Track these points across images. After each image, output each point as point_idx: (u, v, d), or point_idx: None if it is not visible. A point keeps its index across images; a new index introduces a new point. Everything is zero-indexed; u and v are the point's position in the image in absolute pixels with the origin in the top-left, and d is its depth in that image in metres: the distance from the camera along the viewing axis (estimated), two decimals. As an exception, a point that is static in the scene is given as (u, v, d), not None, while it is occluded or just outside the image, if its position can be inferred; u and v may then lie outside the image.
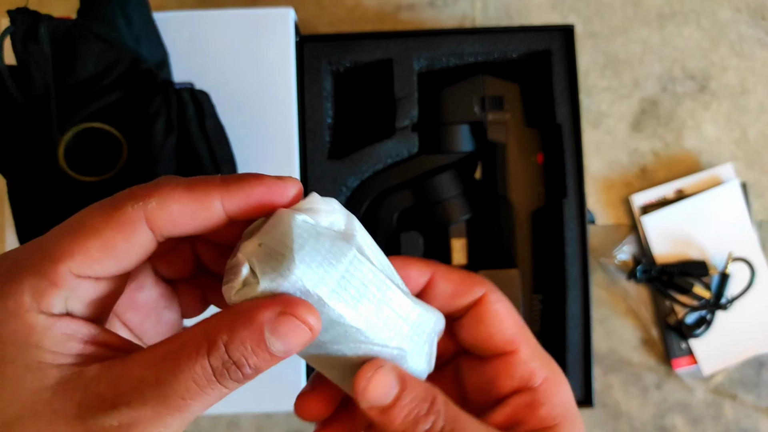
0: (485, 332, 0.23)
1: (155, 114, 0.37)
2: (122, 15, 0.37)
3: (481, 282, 0.23)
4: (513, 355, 0.23)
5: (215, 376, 0.17)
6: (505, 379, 0.23)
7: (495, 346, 0.23)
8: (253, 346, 0.18)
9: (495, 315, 0.23)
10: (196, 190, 0.19)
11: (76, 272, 0.18)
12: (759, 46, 0.52)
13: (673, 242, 0.50)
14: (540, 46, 0.44)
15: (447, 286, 0.23)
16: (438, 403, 0.21)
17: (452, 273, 0.23)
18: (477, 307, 0.23)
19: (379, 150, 0.44)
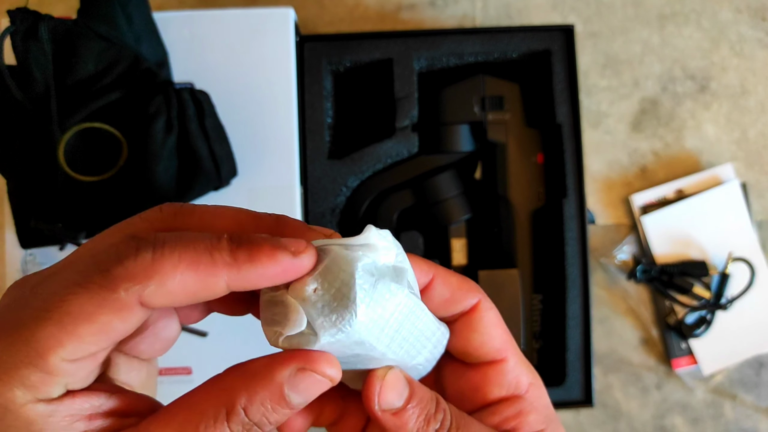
0: (477, 340, 0.23)
1: (155, 113, 0.37)
2: (123, 14, 0.37)
3: (476, 289, 0.23)
4: (502, 364, 0.23)
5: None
6: (493, 386, 0.23)
7: (485, 354, 0.23)
8: (273, 404, 0.17)
9: (487, 323, 0.23)
10: (201, 270, 0.17)
11: (70, 358, 0.16)
12: (759, 47, 0.52)
13: (673, 242, 0.50)
14: (540, 46, 0.44)
15: (445, 291, 0.23)
16: (442, 402, 0.21)
17: (451, 277, 0.23)
18: (470, 314, 0.23)
19: (379, 150, 0.44)
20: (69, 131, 0.37)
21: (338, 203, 0.44)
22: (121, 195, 0.38)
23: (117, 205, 0.38)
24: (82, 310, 0.16)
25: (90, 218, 0.38)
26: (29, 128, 0.37)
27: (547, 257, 0.44)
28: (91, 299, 0.16)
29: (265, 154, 0.41)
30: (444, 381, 0.24)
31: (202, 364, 0.40)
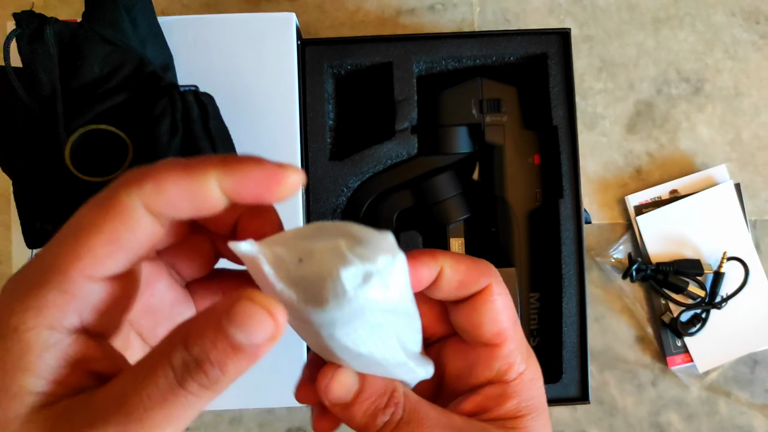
0: (477, 321, 0.23)
1: (160, 116, 0.37)
2: (128, 17, 0.38)
3: (487, 272, 0.23)
4: (496, 348, 0.23)
5: (177, 378, 0.16)
6: (483, 368, 0.23)
7: (483, 336, 0.23)
8: (212, 336, 0.16)
9: (491, 307, 0.23)
10: (191, 169, 0.18)
11: (88, 274, 0.17)
12: (753, 50, 0.53)
13: (667, 242, 0.51)
14: (537, 49, 0.45)
15: (453, 278, 0.23)
16: (396, 396, 0.22)
17: (460, 263, 0.23)
18: (478, 295, 0.23)
19: (380, 151, 0.44)
20: (75, 133, 0.37)
21: (339, 204, 0.45)
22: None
23: (122, 206, 0.38)
24: (91, 222, 0.17)
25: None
26: (36, 130, 0.38)
27: (544, 256, 0.45)
28: (97, 210, 0.17)
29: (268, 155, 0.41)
30: (445, 359, 0.25)
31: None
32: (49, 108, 0.37)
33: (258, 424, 0.51)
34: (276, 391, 0.41)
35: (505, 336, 0.23)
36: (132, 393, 0.16)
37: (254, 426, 0.51)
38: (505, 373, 0.23)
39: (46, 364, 0.16)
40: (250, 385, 0.41)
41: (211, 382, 0.16)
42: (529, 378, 0.23)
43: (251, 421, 0.51)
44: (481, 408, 0.23)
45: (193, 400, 0.16)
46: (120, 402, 0.16)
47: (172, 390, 0.16)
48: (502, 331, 0.23)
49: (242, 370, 0.17)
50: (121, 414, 0.16)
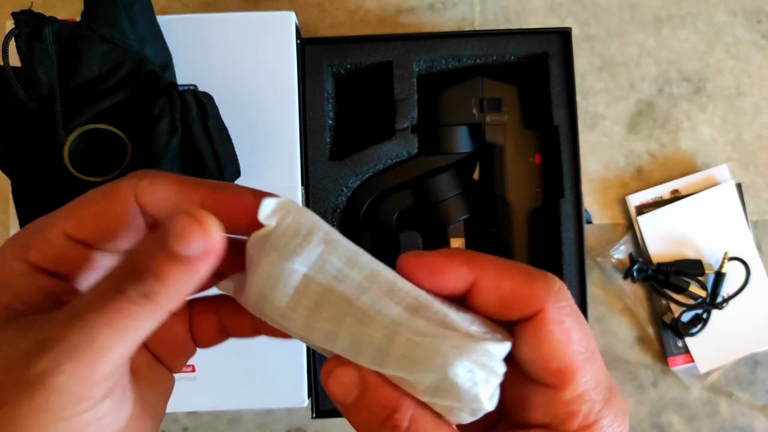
0: (529, 355, 0.19)
1: (159, 115, 0.37)
2: (126, 17, 0.38)
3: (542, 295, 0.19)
4: (555, 390, 0.19)
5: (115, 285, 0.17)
6: (538, 409, 0.19)
7: (535, 374, 0.19)
8: (150, 245, 0.17)
9: (546, 339, 0.18)
10: (184, 184, 0.20)
11: (69, 233, 0.19)
12: (755, 49, 0.53)
13: (668, 242, 0.51)
14: (537, 49, 0.44)
15: (492, 294, 0.19)
16: (397, 418, 0.18)
17: (505, 277, 0.19)
18: (529, 323, 0.19)
19: (379, 151, 0.44)
20: (74, 132, 0.37)
21: (339, 204, 0.45)
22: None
23: (121, 206, 0.38)
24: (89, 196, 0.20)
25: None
26: (34, 129, 0.38)
27: (545, 256, 0.45)
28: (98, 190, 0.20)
29: (267, 155, 0.42)
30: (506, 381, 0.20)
31: (205, 362, 0.41)
32: (47, 107, 0.37)
33: (257, 425, 0.51)
34: (275, 392, 0.41)
35: (567, 376, 0.18)
36: (84, 301, 0.18)
37: (253, 427, 0.51)
38: (564, 422, 0.19)
39: (21, 287, 0.19)
40: (249, 386, 0.41)
41: (149, 291, 0.17)
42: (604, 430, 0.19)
43: (250, 421, 0.51)
44: None
45: (134, 308, 0.17)
46: (73, 309, 0.18)
47: (110, 295, 0.17)
48: (562, 369, 0.18)
49: (182, 283, 0.17)
50: (65, 320, 0.17)
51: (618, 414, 0.19)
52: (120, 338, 0.17)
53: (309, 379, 0.42)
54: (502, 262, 0.19)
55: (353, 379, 0.19)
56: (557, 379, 0.19)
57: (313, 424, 0.51)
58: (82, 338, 0.17)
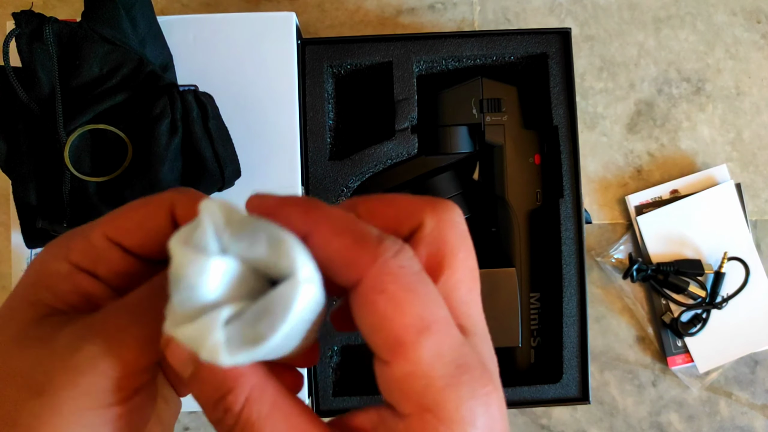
0: (361, 327, 0.16)
1: (160, 115, 0.37)
2: (127, 17, 0.38)
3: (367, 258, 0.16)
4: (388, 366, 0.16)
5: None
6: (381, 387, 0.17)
7: (372, 348, 0.17)
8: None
9: (369, 310, 0.16)
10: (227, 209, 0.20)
11: (110, 236, 0.20)
12: (754, 49, 0.53)
13: (668, 242, 0.51)
14: (537, 49, 0.44)
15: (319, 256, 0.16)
16: (229, 402, 0.16)
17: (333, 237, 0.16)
18: (353, 290, 0.16)
19: (380, 151, 0.44)
20: (74, 133, 0.37)
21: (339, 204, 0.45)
22: (126, 195, 0.38)
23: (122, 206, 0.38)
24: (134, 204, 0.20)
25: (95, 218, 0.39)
26: (35, 130, 0.38)
27: (544, 256, 0.45)
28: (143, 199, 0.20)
29: (268, 155, 0.42)
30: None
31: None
32: (48, 108, 0.37)
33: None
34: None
35: (397, 351, 0.16)
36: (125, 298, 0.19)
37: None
38: (399, 402, 0.16)
39: (61, 287, 0.19)
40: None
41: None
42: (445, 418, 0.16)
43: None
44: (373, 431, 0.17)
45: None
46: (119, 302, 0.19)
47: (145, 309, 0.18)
48: (388, 343, 0.16)
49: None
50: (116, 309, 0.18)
51: (470, 395, 0.16)
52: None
53: (309, 378, 0.42)
54: (340, 220, 0.17)
55: (188, 352, 0.16)
56: (387, 353, 0.16)
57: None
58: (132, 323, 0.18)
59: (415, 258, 0.17)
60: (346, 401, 0.43)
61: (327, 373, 0.43)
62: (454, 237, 0.18)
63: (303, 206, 0.17)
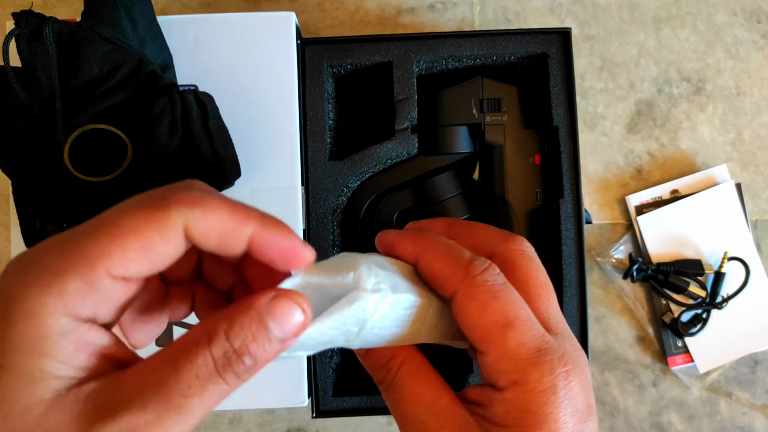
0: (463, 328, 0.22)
1: (159, 115, 0.37)
2: (127, 17, 0.38)
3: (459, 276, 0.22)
4: (484, 355, 0.22)
5: (217, 368, 0.17)
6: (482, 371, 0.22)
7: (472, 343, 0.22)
8: (253, 330, 0.18)
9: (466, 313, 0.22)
10: (236, 213, 0.19)
11: (113, 273, 0.17)
12: (754, 49, 0.53)
13: (668, 242, 0.51)
14: (537, 49, 0.44)
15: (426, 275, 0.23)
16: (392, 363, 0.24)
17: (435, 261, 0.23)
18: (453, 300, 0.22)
19: (379, 151, 0.44)
20: (74, 133, 0.37)
21: (339, 204, 0.45)
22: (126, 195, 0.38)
23: (121, 206, 0.38)
24: (131, 225, 0.17)
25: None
26: (35, 130, 0.38)
27: (544, 256, 0.45)
28: (142, 216, 0.17)
29: (268, 155, 0.42)
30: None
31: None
32: (48, 108, 0.37)
33: (258, 425, 0.51)
34: (276, 392, 0.41)
35: (490, 342, 0.21)
36: (171, 379, 0.16)
37: (254, 426, 0.51)
38: (496, 380, 0.22)
39: (65, 348, 0.16)
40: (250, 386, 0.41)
41: (245, 372, 0.18)
42: (531, 389, 0.21)
43: (251, 421, 0.51)
44: (479, 401, 0.22)
45: (225, 389, 0.18)
46: (157, 386, 0.16)
47: (211, 378, 0.17)
48: (483, 337, 0.21)
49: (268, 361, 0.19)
50: (159, 399, 0.16)
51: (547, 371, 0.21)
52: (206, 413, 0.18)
53: (309, 378, 0.42)
54: (441, 246, 0.23)
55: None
56: (482, 345, 0.22)
57: (313, 424, 0.51)
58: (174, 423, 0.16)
59: (500, 274, 0.22)
60: (346, 401, 0.43)
61: (327, 373, 0.43)
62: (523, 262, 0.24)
63: (413, 237, 0.23)
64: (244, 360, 0.17)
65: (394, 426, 0.50)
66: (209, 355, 0.17)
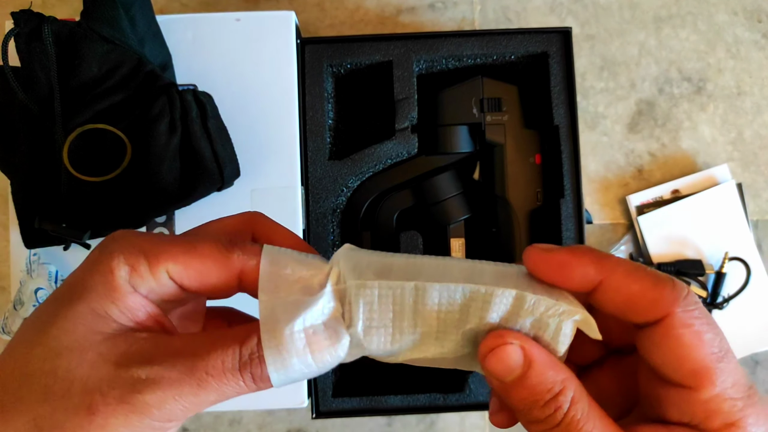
0: (661, 358, 0.19)
1: (159, 115, 0.37)
2: (126, 17, 0.38)
3: (670, 298, 0.19)
4: (691, 391, 0.19)
5: (240, 364, 0.19)
6: (674, 409, 0.19)
7: (671, 376, 0.19)
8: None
9: (677, 342, 0.19)
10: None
11: (171, 274, 0.21)
12: (755, 49, 0.53)
13: (669, 242, 0.51)
14: (538, 48, 0.44)
15: (617, 296, 0.19)
16: (561, 399, 0.19)
17: (632, 282, 0.19)
18: (656, 326, 0.19)
19: (379, 151, 0.44)
20: (73, 132, 0.37)
21: (339, 203, 0.45)
22: (125, 195, 0.38)
23: (121, 206, 0.38)
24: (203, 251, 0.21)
25: (94, 218, 0.39)
26: (34, 129, 0.38)
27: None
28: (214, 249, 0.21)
29: (267, 155, 0.42)
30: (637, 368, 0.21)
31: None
32: (47, 107, 0.37)
33: (258, 425, 0.51)
34: (276, 393, 0.41)
35: (705, 378, 0.19)
36: (202, 356, 0.19)
37: (254, 427, 0.51)
38: (705, 420, 0.19)
39: (128, 302, 0.20)
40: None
41: (258, 379, 0.20)
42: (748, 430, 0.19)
43: (251, 422, 0.51)
44: None
45: (240, 386, 0.20)
46: (190, 357, 0.19)
47: (231, 371, 0.19)
48: (697, 371, 0.19)
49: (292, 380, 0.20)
50: (187, 367, 0.19)
51: (762, 413, 0.19)
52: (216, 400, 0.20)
53: (309, 379, 0.42)
54: (630, 265, 0.20)
55: (517, 358, 0.19)
56: (693, 380, 0.19)
57: (313, 425, 0.51)
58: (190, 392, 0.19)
59: (699, 301, 0.20)
60: (345, 402, 0.43)
61: (327, 374, 0.43)
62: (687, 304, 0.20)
63: (593, 257, 0.20)
64: (262, 366, 0.19)
65: (393, 426, 0.50)
66: (238, 351, 0.19)
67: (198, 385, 0.19)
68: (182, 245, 0.21)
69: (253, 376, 0.20)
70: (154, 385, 0.18)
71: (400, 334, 0.20)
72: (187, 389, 0.19)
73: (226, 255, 0.21)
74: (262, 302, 0.20)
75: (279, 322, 0.20)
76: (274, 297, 0.20)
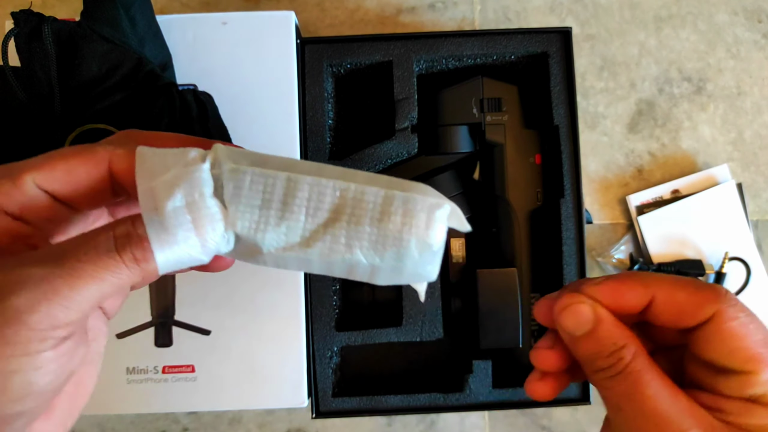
0: (713, 353, 0.22)
1: (159, 115, 0.37)
2: (126, 16, 0.38)
3: (713, 298, 0.22)
4: (748, 375, 0.21)
5: (116, 244, 0.18)
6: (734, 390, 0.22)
7: (727, 365, 0.21)
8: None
9: (726, 336, 0.21)
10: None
11: (38, 183, 0.20)
12: (755, 49, 0.53)
13: (669, 242, 0.51)
14: (538, 48, 0.44)
15: (669, 308, 0.22)
16: (625, 352, 0.22)
17: (677, 292, 0.22)
18: (706, 325, 0.22)
19: (379, 151, 0.44)
20: (73, 132, 0.37)
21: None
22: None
23: (121, 206, 0.38)
24: (63, 153, 0.21)
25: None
26: (34, 129, 0.38)
27: (545, 256, 0.45)
28: (73, 149, 0.21)
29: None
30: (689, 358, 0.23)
31: (204, 362, 0.41)
32: (47, 107, 0.37)
33: (257, 425, 0.51)
34: (275, 392, 0.41)
35: (761, 361, 0.21)
36: (71, 247, 0.18)
37: (254, 427, 0.51)
38: (763, 396, 0.21)
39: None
40: (250, 386, 0.41)
41: (142, 260, 0.19)
42: None
43: (251, 422, 0.51)
44: (725, 410, 0.21)
45: (122, 271, 0.19)
46: (58, 252, 0.18)
47: (108, 253, 0.18)
48: (752, 357, 0.21)
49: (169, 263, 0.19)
50: (55, 260, 0.18)
51: None
52: (99, 291, 0.18)
53: (309, 379, 0.42)
54: (672, 278, 0.23)
55: (589, 315, 0.22)
56: (750, 365, 0.21)
57: (313, 425, 0.51)
58: (64, 284, 0.18)
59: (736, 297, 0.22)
60: (345, 402, 0.43)
61: (327, 374, 0.43)
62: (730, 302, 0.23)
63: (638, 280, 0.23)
64: (143, 244, 0.19)
65: (393, 426, 0.50)
66: (111, 233, 0.19)
67: (71, 275, 0.18)
68: (45, 154, 0.21)
69: (135, 256, 0.18)
70: (18, 285, 0.17)
71: (265, 224, 0.20)
72: (60, 282, 0.17)
73: (90, 150, 0.21)
74: (140, 185, 0.19)
75: (160, 200, 0.19)
76: (150, 180, 0.19)
